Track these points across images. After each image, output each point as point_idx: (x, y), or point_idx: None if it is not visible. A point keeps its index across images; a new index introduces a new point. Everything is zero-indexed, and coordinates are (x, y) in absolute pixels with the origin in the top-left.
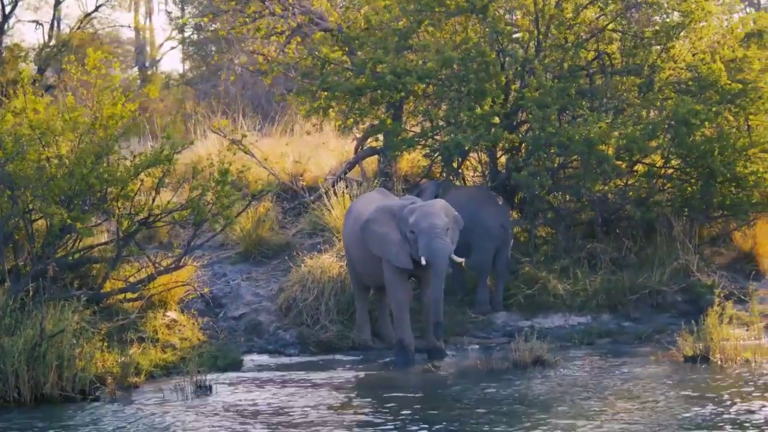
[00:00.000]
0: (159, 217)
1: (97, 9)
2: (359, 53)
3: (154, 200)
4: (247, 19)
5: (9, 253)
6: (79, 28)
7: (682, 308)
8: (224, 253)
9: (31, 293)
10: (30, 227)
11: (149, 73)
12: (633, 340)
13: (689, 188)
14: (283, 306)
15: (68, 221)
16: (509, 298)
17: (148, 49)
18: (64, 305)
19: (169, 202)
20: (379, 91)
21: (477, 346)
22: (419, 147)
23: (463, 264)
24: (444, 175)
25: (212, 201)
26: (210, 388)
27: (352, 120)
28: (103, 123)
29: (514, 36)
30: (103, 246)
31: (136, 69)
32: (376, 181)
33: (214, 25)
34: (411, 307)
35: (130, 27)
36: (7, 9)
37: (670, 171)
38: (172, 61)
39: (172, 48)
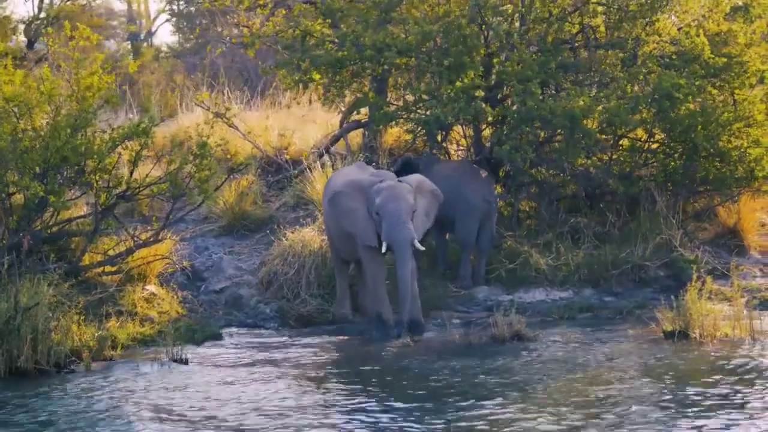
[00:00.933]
0: (137, 190)
1: None
2: (342, 26)
3: (132, 173)
4: None
5: None
6: (69, 0)
7: (665, 283)
8: (207, 227)
9: (6, 266)
10: (8, 200)
11: (144, 45)
12: (614, 315)
13: (672, 163)
14: (264, 280)
15: (42, 194)
16: (491, 273)
17: (142, 22)
18: (40, 279)
19: (147, 175)
20: (360, 64)
21: (458, 321)
22: (401, 121)
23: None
24: (427, 149)
25: (191, 174)
26: (185, 360)
27: (333, 93)
28: (79, 95)
29: (499, 9)
30: (82, 219)
31: (128, 42)
32: (360, 155)
33: None
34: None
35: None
36: None
37: (654, 146)
38: (165, 34)
39: (167, 20)
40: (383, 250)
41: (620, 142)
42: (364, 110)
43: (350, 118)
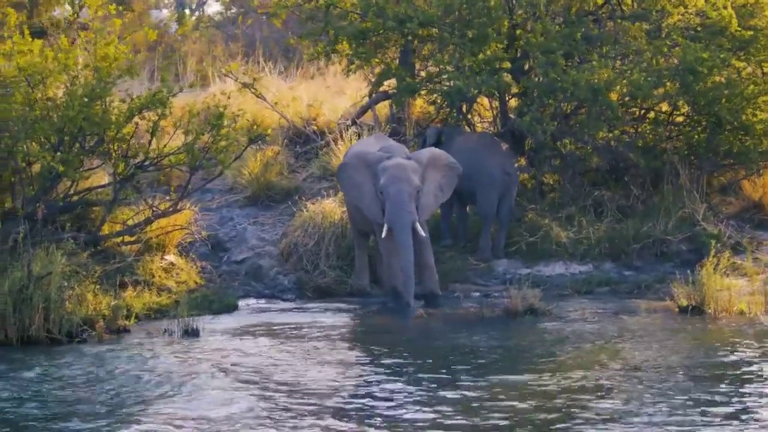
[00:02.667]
0: (155, 160)
1: None
2: None
3: (150, 143)
4: None
5: (6, 195)
6: None
7: (686, 257)
8: (233, 197)
9: (21, 236)
10: (29, 169)
11: (196, 15)
12: (632, 289)
13: (696, 136)
14: (285, 251)
15: (53, 164)
16: (512, 246)
17: None
18: (54, 248)
19: (165, 145)
20: (383, 35)
21: (476, 294)
22: (423, 93)
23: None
24: (451, 120)
25: (208, 145)
26: (198, 331)
27: (356, 64)
28: (95, 65)
29: None
30: (102, 189)
31: (164, 11)
32: (387, 126)
33: None
34: None
35: None
36: None
37: (678, 119)
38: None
39: None
40: (384, 232)
41: (647, 115)
42: (392, 81)
43: (378, 89)
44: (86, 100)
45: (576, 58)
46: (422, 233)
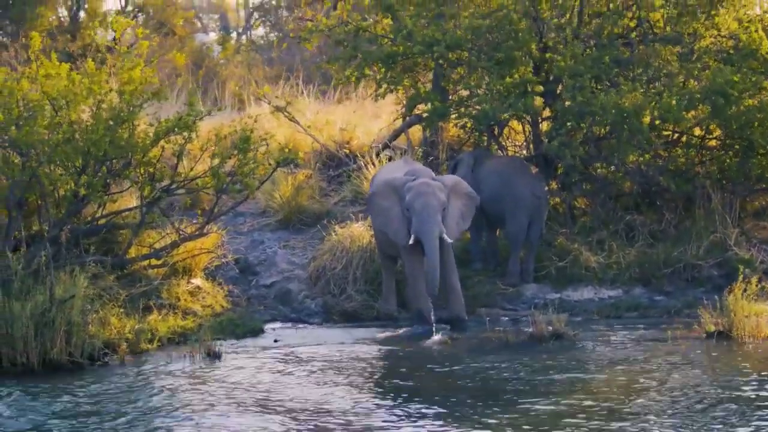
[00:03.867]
0: (181, 184)
1: None
2: (398, 20)
3: (176, 167)
4: None
5: (33, 219)
6: None
7: (718, 283)
8: (264, 221)
9: (44, 259)
10: (56, 192)
11: (242, 39)
12: (662, 314)
13: (728, 160)
14: (313, 275)
15: (74, 188)
16: (541, 270)
17: (229, 15)
18: (78, 271)
19: (191, 168)
20: (411, 59)
21: (505, 318)
22: (453, 117)
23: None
24: (482, 144)
25: (234, 169)
26: (219, 354)
27: (384, 88)
28: (120, 89)
29: (557, 1)
30: (128, 212)
31: (212, 34)
32: (420, 149)
33: None
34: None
35: None
36: None
37: (711, 142)
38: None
39: (259, 19)
40: (410, 241)
41: (681, 139)
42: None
43: (411, 113)
44: (111, 123)
45: (606, 81)
46: (448, 239)
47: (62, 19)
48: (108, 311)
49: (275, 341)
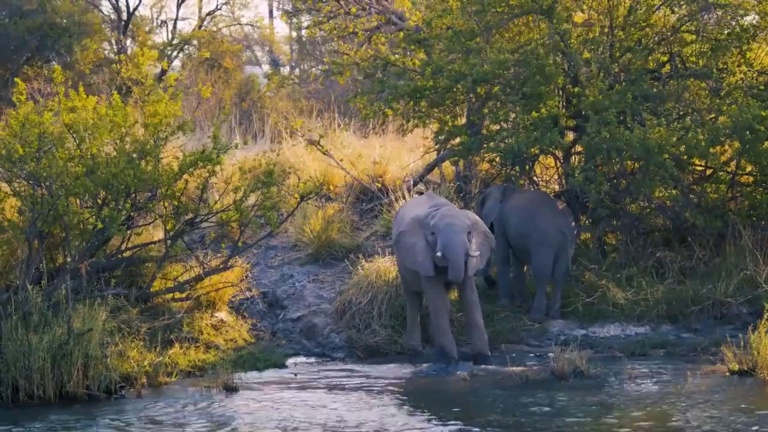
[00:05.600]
0: (205, 217)
1: (218, 8)
2: (433, 55)
3: (200, 200)
4: (323, 19)
5: (57, 252)
6: (200, 27)
7: (747, 320)
8: (295, 255)
9: (63, 292)
10: (81, 225)
11: (283, 72)
12: (688, 352)
13: (759, 197)
14: (339, 309)
15: (91, 221)
16: (568, 306)
17: (274, 48)
18: (96, 304)
19: (216, 202)
20: (439, 93)
21: (531, 355)
22: (483, 151)
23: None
24: (513, 179)
25: (258, 202)
26: (236, 388)
27: (412, 123)
28: (144, 122)
29: (586, 38)
30: (152, 246)
31: (260, 67)
32: (452, 184)
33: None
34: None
35: (252, 25)
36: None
37: (743, 179)
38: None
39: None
40: (438, 254)
41: (712, 175)
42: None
43: (445, 148)
44: (134, 156)
45: (631, 117)
46: (474, 254)
47: (108, 52)
48: (128, 344)
49: (295, 375)
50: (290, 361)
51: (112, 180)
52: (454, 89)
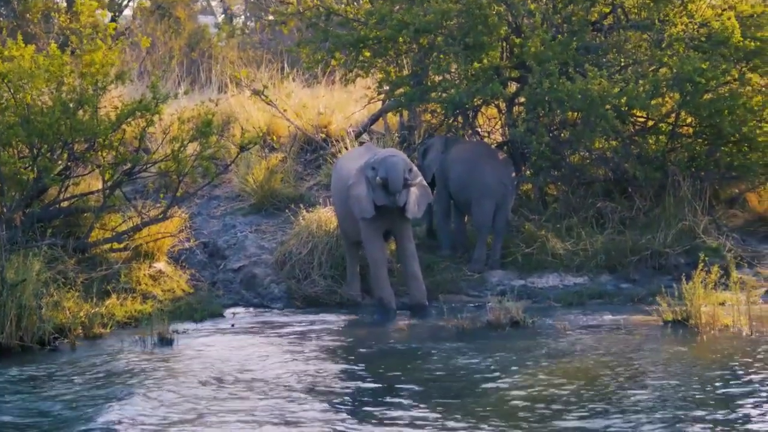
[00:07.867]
0: (144, 167)
1: None
2: (376, 4)
3: (138, 150)
4: None
5: None
6: None
7: (684, 270)
8: (238, 205)
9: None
10: (17, 175)
11: (237, 22)
12: (626, 302)
13: (697, 148)
14: (279, 260)
15: (24, 171)
16: (507, 257)
17: None
18: (30, 255)
19: (154, 152)
20: (381, 44)
21: (471, 305)
22: (425, 102)
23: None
24: (456, 129)
25: (196, 153)
26: (171, 339)
27: (354, 73)
28: (81, 71)
29: None
30: (90, 196)
31: (214, 17)
32: (396, 134)
33: None
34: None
35: None
36: None
37: (683, 130)
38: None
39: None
40: (377, 179)
41: (653, 126)
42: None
43: (389, 97)
44: (71, 105)
45: (574, 68)
46: (422, 182)
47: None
48: (64, 295)
49: (232, 325)
50: (228, 311)
51: (47, 130)
52: (398, 39)
